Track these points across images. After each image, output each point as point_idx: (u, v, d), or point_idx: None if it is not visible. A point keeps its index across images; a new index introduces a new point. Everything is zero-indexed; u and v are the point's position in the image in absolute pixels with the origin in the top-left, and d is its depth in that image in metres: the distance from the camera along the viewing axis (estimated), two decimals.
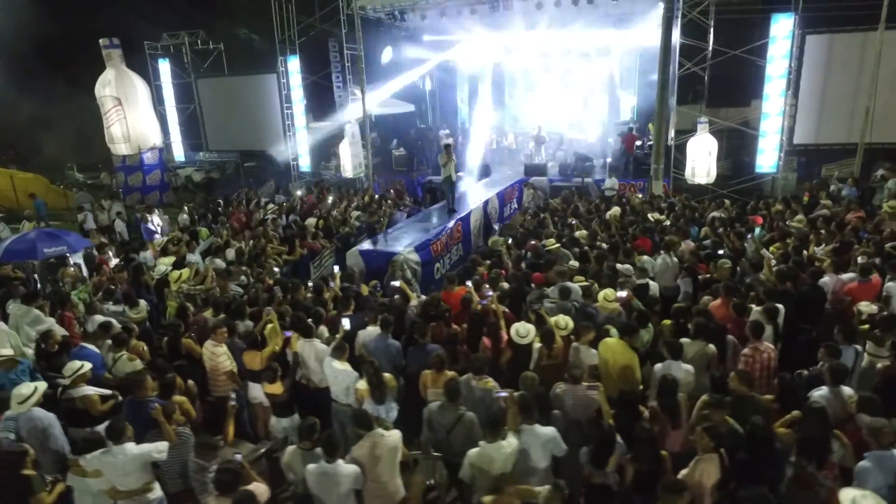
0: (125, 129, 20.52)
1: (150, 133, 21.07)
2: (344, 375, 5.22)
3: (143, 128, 20.82)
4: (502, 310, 6.23)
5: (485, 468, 3.87)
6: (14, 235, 7.35)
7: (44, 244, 6.89)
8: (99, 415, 5.22)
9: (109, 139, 20.89)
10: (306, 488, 4.06)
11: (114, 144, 20.90)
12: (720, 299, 6.45)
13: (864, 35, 12.52)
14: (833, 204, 10.94)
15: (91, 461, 4.09)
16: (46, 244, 6.92)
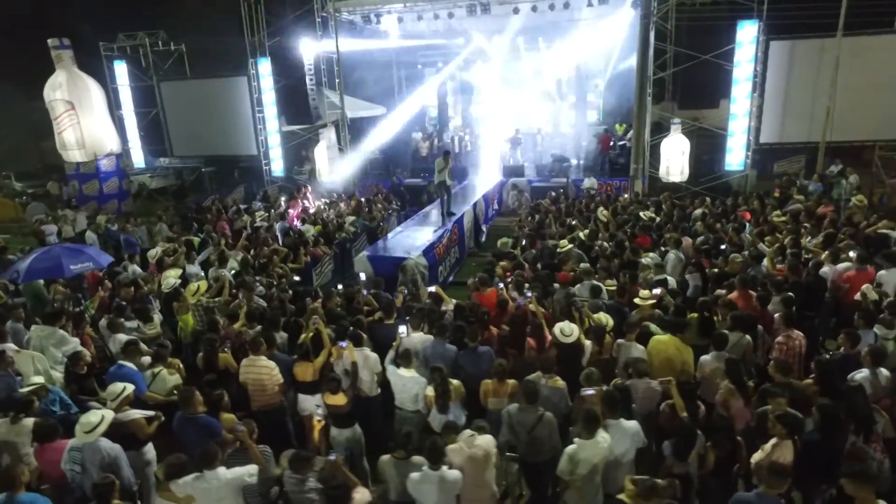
0: (79, 134, 19.42)
1: (107, 139, 20.01)
2: (412, 382, 5.24)
3: (99, 133, 19.74)
4: (541, 310, 6.39)
5: (582, 463, 4.02)
6: (36, 252, 6.85)
7: (69, 260, 6.45)
8: (146, 438, 5.03)
9: (61, 145, 19.72)
10: (400, 495, 4.07)
11: (66, 151, 19.75)
12: (737, 292, 6.85)
13: (822, 41, 13.49)
14: (804, 199, 11.79)
15: (183, 486, 3.94)
16: (72, 260, 6.50)
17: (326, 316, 6.65)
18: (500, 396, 5.22)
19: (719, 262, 8.01)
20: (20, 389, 5.21)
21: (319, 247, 10.58)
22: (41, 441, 4.61)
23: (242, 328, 6.62)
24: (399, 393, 5.32)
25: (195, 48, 19.72)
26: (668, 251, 8.68)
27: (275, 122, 18.37)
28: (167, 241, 11.18)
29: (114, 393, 4.89)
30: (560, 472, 4.07)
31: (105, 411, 4.50)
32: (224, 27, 18.98)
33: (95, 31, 19.55)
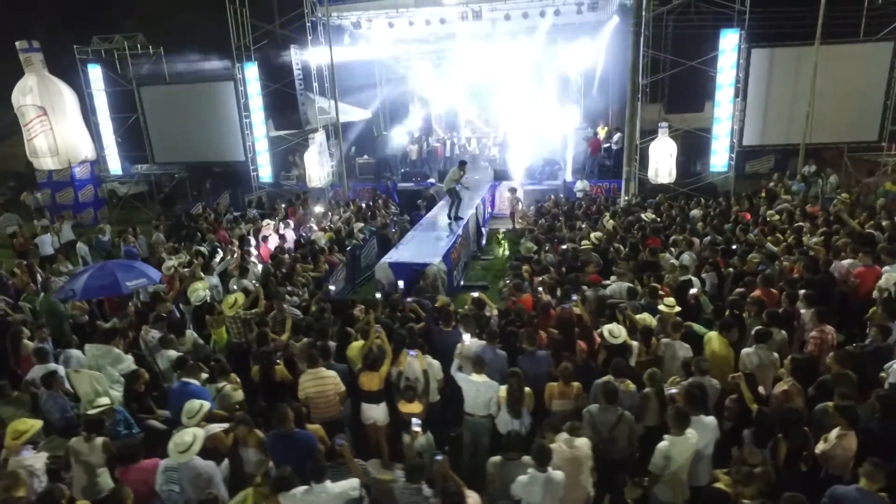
0: (52, 141, 18.63)
1: (82, 145, 19.27)
2: (486, 388, 5.37)
3: (74, 139, 18.99)
4: (586, 313, 6.63)
5: (674, 458, 4.26)
6: (89, 269, 6.59)
7: (125, 277, 6.25)
8: (226, 451, 5.02)
9: (32, 152, 18.88)
10: (500, 496, 4.21)
11: (38, 158, 18.91)
12: (759, 290, 7.27)
13: (799, 49, 14.30)
14: (791, 199, 12.51)
15: (292, 499, 3.98)
16: (127, 276, 6.28)
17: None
18: (565, 398, 5.42)
19: (734, 261, 8.42)
20: (89, 411, 5.09)
21: (334, 254, 10.54)
22: (125, 462, 4.56)
23: (289, 340, 6.62)
24: (472, 399, 5.45)
25: (174, 52, 19.16)
26: (681, 252, 9.08)
27: (262, 128, 18.09)
28: (172, 251, 10.92)
29: (192, 410, 4.86)
30: (653, 468, 4.29)
31: (196, 430, 4.48)
32: (206, 31, 18.58)
33: (67, 33, 18.82)
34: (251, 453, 4.77)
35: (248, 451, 4.78)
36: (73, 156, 19.08)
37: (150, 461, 4.64)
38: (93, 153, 19.78)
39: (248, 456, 4.79)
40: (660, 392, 5.22)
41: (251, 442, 4.73)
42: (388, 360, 5.78)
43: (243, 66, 17.33)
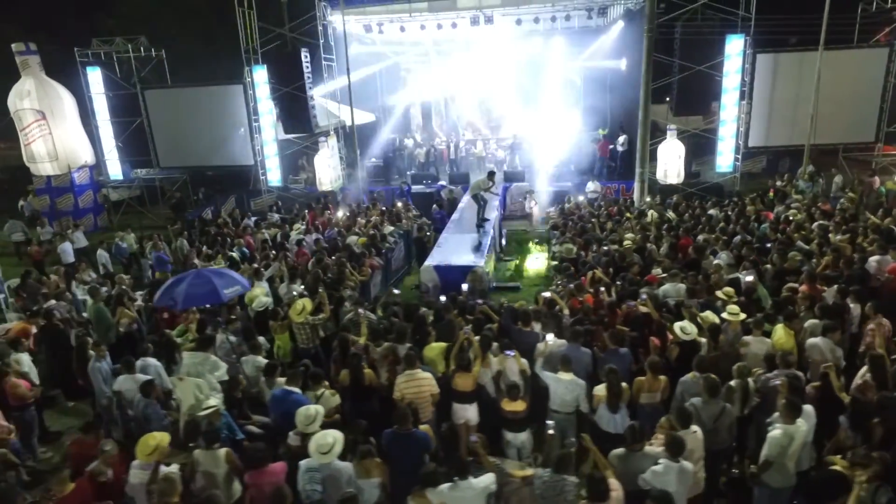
0: (50, 146, 18.32)
1: (81, 150, 18.94)
2: (573, 385, 5.60)
3: (73, 144, 18.67)
4: (655, 311, 6.92)
5: (785, 446, 4.55)
6: (184, 277, 6.54)
7: (222, 284, 6.24)
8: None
9: (30, 158, 18.51)
10: (630, 485, 4.44)
11: (36, 164, 18.55)
12: (805, 285, 7.68)
13: (802, 55, 14.96)
14: (802, 198, 13.09)
15: (439, 494, 4.14)
16: (224, 284, 6.27)
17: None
18: (654, 391, 5.68)
19: (773, 258, 8.82)
20: (198, 413, 5.15)
21: (372, 258, 10.64)
22: (254, 466, 4.64)
23: (363, 341, 6.73)
24: (560, 396, 5.66)
25: (179, 55, 18.93)
26: (717, 252, 9.47)
27: (271, 131, 18.00)
28: (207, 259, 10.85)
29: (309, 417, 4.96)
30: (769, 455, 4.57)
31: (335, 432, 4.60)
32: (213, 34, 18.39)
33: (65, 36, 18.41)
34: (373, 484, 4.62)
35: (369, 482, 4.63)
36: (73, 161, 18.72)
37: (278, 464, 4.74)
38: (92, 158, 19.41)
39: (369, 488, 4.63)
40: (745, 385, 5.53)
41: (375, 472, 4.64)
42: (478, 361, 5.95)
43: (252, 70, 17.24)
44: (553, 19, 16.08)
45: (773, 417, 5.02)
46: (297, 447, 4.89)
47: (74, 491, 4.54)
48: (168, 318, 8.84)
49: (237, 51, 17.06)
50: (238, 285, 6.46)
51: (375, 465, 4.56)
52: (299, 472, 4.56)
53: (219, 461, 4.85)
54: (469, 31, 17.12)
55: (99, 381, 6.67)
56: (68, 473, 4.57)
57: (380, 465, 4.60)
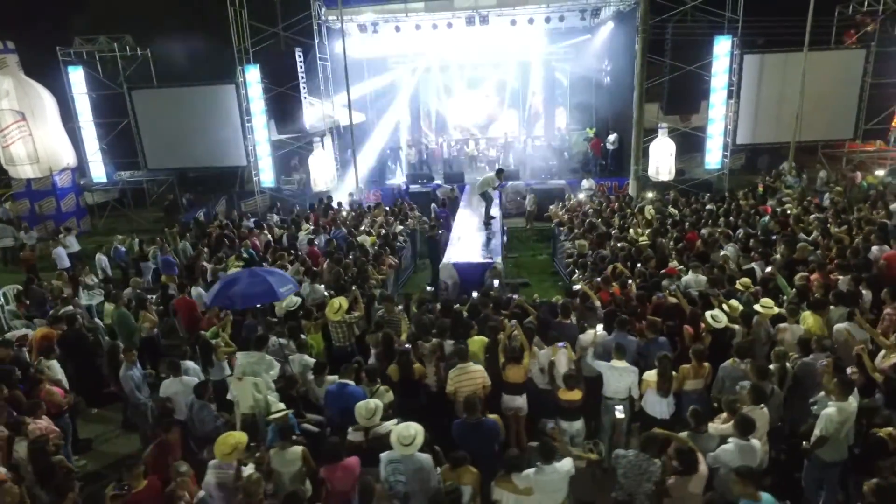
0: (31, 148, 17.64)
1: (63, 152, 18.31)
2: (627, 372, 5.80)
3: (54, 146, 18.03)
4: (684, 301, 7.19)
5: (839, 422, 4.83)
6: (239, 276, 6.41)
7: (278, 284, 6.17)
8: None
9: (9, 160, 17.78)
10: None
11: (16, 167, 17.84)
12: (816, 274, 8.07)
13: (786, 55, 15.61)
14: (792, 193, 13.67)
15: (525, 479, 4.27)
16: (280, 284, 6.21)
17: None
18: (699, 378, 5.93)
19: (782, 250, 9.21)
20: (268, 417, 5.15)
21: (388, 256, 10.69)
22: (330, 461, 4.68)
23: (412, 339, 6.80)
24: (614, 383, 5.85)
25: (167, 54, 18.51)
26: (723, 245, 9.85)
27: (264, 132, 17.78)
28: (218, 262, 10.70)
29: (370, 411, 5.03)
30: (824, 431, 4.83)
31: (416, 425, 4.67)
32: (203, 33, 18.08)
33: (45, 34, 17.83)
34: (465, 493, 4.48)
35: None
36: (55, 163, 18.09)
37: (352, 458, 4.79)
38: (74, 160, 18.79)
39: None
40: (783, 368, 5.82)
41: (467, 479, 4.52)
42: (528, 353, 6.10)
43: (244, 69, 17.01)
44: (547, 20, 16.34)
45: (818, 397, 5.33)
46: (358, 442, 4.94)
47: (147, 487, 4.51)
48: (186, 321, 8.76)
49: (228, 50, 16.80)
50: (290, 283, 6.44)
51: (468, 473, 4.50)
52: (381, 464, 4.62)
53: (294, 460, 4.87)
54: (463, 32, 17.23)
55: (132, 387, 6.55)
56: (142, 469, 4.52)
57: (474, 473, 4.53)
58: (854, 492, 5.07)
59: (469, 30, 16.82)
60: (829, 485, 5.16)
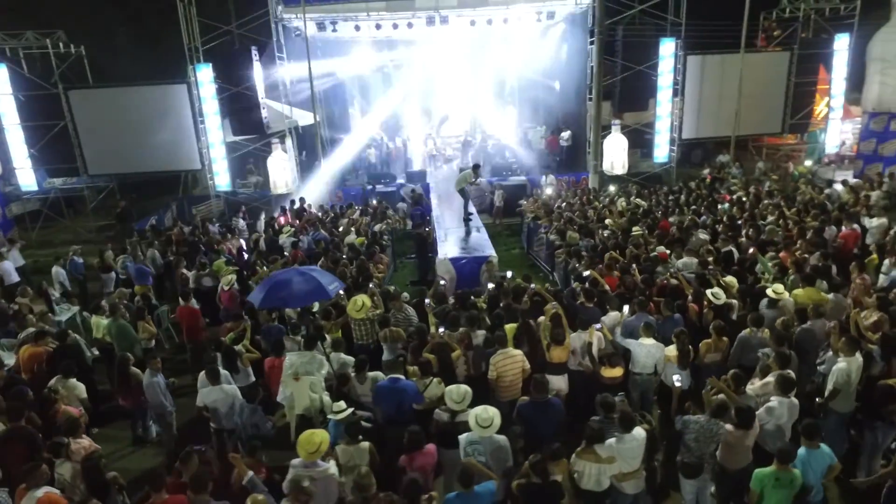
0: None
1: None
2: (656, 349, 6.24)
3: None
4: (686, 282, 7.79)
5: (850, 375, 5.46)
6: (290, 275, 6.07)
7: (327, 282, 5.94)
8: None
9: None
10: None
11: None
12: (784, 252, 8.99)
13: (723, 57, 17.00)
14: (737, 182, 14.95)
15: (608, 448, 4.56)
16: (328, 282, 5.98)
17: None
18: (717, 351, 6.49)
19: (750, 233, 10.11)
20: (332, 415, 5.13)
21: (379, 255, 10.69)
22: (412, 449, 4.77)
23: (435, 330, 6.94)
24: (643, 359, 6.27)
25: (99, 51, 17.29)
26: (695, 231, 10.67)
27: (219, 133, 17.06)
28: (202, 267, 10.25)
29: (461, 395, 5.29)
30: (838, 385, 5.46)
31: (492, 408, 4.86)
32: (142, 29, 17.09)
33: None
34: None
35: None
36: None
37: (431, 445, 4.90)
38: None
39: None
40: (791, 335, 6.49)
41: (557, 470, 4.63)
42: (568, 335, 6.42)
43: (196, 68, 16.26)
44: (505, 21, 16.83)
45: (825, 357, 6.01)
46: (445, 423, 5.08)
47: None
48: (188, 330, 8.43)
49: (177, 48, 16.02)
50: (337, 282, 6.37)
51: (562, 465, 4.63)
52: (461, 445, 4.78)
53: (363, 455, 4.91)
54: (420, 32, 17.40)
55: (158, 394, 6.29)
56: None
57: (565, 464, 4.66)
58: (860, 437, 5.76)
59: (433, 30, 17.02)
60: (837, 434, 5.82)
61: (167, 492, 4.32)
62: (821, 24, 17.76)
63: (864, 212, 10.69)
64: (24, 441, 5.14)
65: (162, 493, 4.31)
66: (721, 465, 4.94)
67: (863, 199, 11.82)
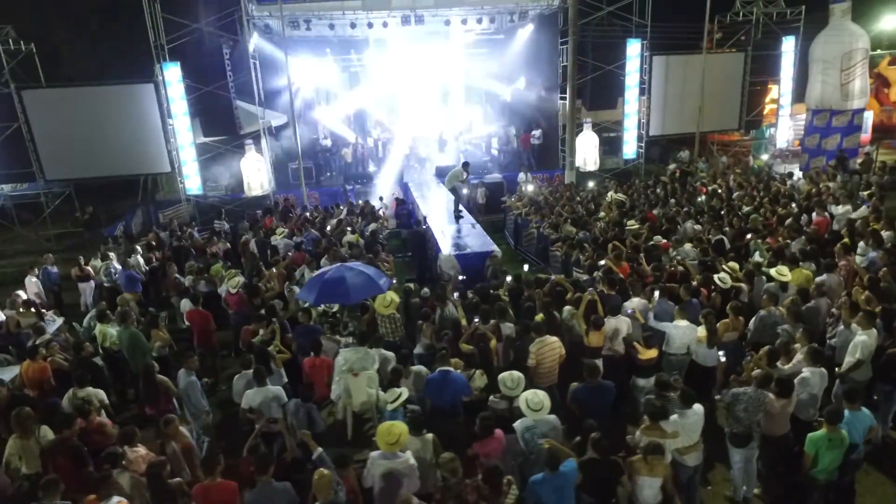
0: None
1: None
2: (689, 330, 6.59)
3: None
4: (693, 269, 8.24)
5: (870, 346, 5.96)
6: (342, 273, 5.85)
7: (376, 276, 5.81)
8: None
9: None
10: None
11: None
12: (769, 238, 9.64)
13: (686, 57, 17.90)
14: (705, 175, 15.80)
15: (673, 424, 4.81)
16: (378, 277, 5.85)
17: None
18: (735, 330, 6.92)
19: (734, 221, 10.75)
20: (389, 405, 5.16)
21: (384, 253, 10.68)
22: (484, 435, 4.87)
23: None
24: (678, 340, 6.61)
25: (59, 49, 16.31)
26: (683, 221, 11.25)
27: (188, 135, 16.44)
28: (199, 272, 9.92)
29: (514, 381, 5.48)
30: (860, 357, 5.94)
31: (541, 392, 5.08)
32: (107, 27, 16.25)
33: None
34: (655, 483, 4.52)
35: (651, 480, 4.51)
36: None
37: (500, 431, 5.01)
38: None
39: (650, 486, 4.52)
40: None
41: (659, 470, 4.53)
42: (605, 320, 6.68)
43: (163, 67, 15.61)
44: (479, 21, 17.08)
45: (836, 331, 6.52)
46: (504, 409, 5.22)
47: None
48: (200, 335, 8.17)
49: (142, 46, 15.34)
50: (384, 277, 6.34)
51: (660, 463, 4.50)
52: (517, 431, 4.95)
53: (427, 446, 4.97)
54: (391, 31, 17.41)
55: (198, 395, 6.12)
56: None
57: (666, 465, 4.55)
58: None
59: (403, 31, 17.07)
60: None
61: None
62: (770, 28, 18.98)
63: (830, 200, 11.55)
64: (70, 453, 4.89)
65: (216, 476, 4.44)
66: (763, 434, 5.30)
67: (824, 189, 12.77)
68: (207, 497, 4.39)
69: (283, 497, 4.33)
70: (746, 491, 5.46)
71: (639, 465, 4.51)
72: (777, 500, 5.49)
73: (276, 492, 4.32)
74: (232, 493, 4.44)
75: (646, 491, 4.50)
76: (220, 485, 4.44)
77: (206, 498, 4.39)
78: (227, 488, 4.45)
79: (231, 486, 4.48)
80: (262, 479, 4.36)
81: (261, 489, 4.32)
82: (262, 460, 4.44)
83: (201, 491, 4.43)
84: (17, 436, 4.94)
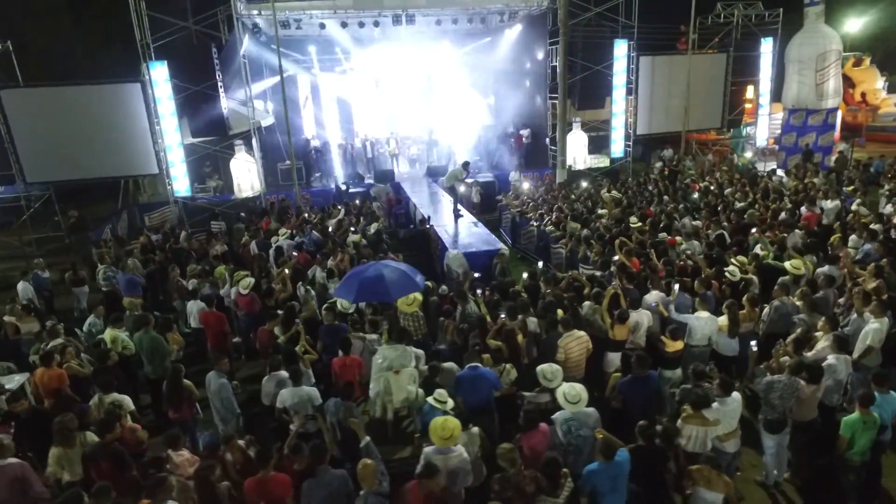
0: None
1: None
2: (711, 321, 6.75)
3: None
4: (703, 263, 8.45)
5: (882, 333, 6.23)
6: (381, 270, 5.75)
7: (412, 273, 5.74)
8: None
9: None
10: None
11: None
12: (769, 232, 9.95)
13: (671, 57, 18.30)
14: (693, 173, 16.18)
15: (715, 412, 4.95)
16: (413, 273, 5.78)
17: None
18: (751, 321, 7.13)
19: (731, 216, 11.05)
20: (444, 405, 5.17)
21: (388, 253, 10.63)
22: (529, 429, 4.92)
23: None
24: (699, 331, 6.77)
25: (29, 48, 15.72)
26: (681, 218, 11.51)
27: (176, 135, 16.08)
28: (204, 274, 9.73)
29: (553, 373, 5.58)
30: (873, 342, 6.19)
31: (578, 385, 5.16)
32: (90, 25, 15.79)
33: None
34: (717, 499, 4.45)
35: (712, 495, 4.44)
36: None
37: (544, 424, 5.07)
38: None
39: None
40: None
41: (719, 486, 4.45)
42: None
43: (149, 66, 15.24)
44: (470, 21, 17.16)
45: (849, 319, 6.78)
46: (547, 402, 5.34)
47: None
48: (214, 337, 8.03)
49: (128, 45, 14.96)
50: (419, 275, 6.32)
51: (719, 478, 4.43)
52: (556, 424, 5.02)
53: (474, 440, 5.00)
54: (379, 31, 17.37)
55: (230, 399, 6.01)
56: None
57: (727, 481, 4.49)
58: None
59: (395, 30, 17.03)
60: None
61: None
62: (750, 30, 19.56)
63: (820, 196, 11.98)
64: (112, 458, 4.77)
65: (269, 469, 4.49)
66: (794, 419, 5.49)
67: (810, 185, 13.23)
68: (262, 489, 4.43)
69: (341, 482, 4.44)
70: (777, 475, 5.65)
71: (697, 474, 4.44)
72: (805, 483, 5.69)
73: (335, 477, 4.45)
74: (285, 485, 4.48)
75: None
76: (273, 477, 4.49)
77: (261, 490, 4.43)
78: (280, 481, 4.48)
79: (284, 478, 4.53)
80: (321, 467, 4.47)
81: (320, 476, 4.42)
82: (317, 451, 4.55)
83: (254, 484, 4.44)
84: (58, 445, 4.79)
